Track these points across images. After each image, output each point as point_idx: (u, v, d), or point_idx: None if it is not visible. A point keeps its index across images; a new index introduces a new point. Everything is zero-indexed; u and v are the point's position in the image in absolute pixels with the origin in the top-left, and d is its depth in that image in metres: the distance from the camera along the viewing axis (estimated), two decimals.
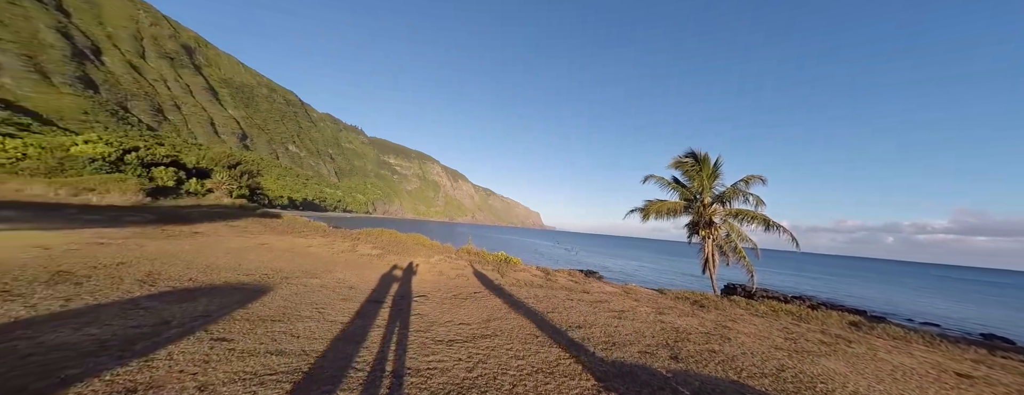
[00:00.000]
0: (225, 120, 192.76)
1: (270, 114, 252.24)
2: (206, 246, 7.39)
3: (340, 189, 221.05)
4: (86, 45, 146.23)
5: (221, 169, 25.95)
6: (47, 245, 5.30)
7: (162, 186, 18.91)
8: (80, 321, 2.74)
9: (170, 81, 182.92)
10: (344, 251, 9.37)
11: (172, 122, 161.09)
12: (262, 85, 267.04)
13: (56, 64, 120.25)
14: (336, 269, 6.67)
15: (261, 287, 4.58)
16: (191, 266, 5.30)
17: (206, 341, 2.68)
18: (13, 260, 4.22)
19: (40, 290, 3.31)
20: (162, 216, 12.06)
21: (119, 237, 7.00)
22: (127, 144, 21.63)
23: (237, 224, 12.67)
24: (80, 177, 15.65)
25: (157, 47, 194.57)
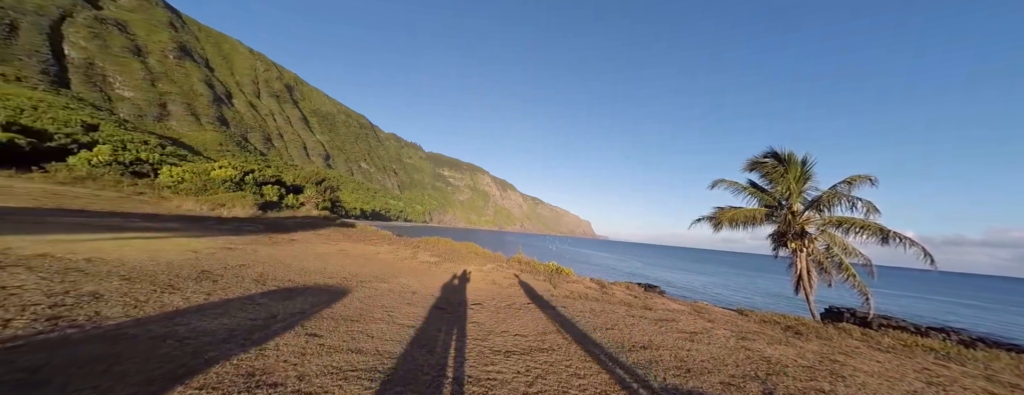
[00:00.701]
0: (314, 144, 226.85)
1: (347, 136, 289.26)
2: (300, 252, 8.63)
3: (402, 200, 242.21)
4: (222, 91, 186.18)
5: (310, 185, 30.39)
6: (196, 249, 6.70)
7: (269, 201, 22.76)
8: (216, 312, 3.38)
9: (276, 115, 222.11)
10: (406, 258, 10.10)
11: (276, 148, 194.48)
12: (341, 112, 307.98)
13: (203, 108, 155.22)
14: (400, 275, 7.21)
15: (342, 289, 5.16)
16: (290, 269, 6.22)
17: (302, 335, 3.08)
18: (174, 261, 5.43)
19: (191, 285, 4.18)
20: (269, 226, 14.46)
21: (241, 243, 8.56)
22: (246, 167, 26.68)
23: (322, 232, 14.58)
24: (216, 195, 19.67)
25: (268, 88, 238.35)
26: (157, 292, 3.71)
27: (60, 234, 6.25)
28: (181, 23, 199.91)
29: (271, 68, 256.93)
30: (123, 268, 4.48)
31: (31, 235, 5.80)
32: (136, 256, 5.31)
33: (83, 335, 2.49)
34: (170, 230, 9.22)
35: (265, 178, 25.95)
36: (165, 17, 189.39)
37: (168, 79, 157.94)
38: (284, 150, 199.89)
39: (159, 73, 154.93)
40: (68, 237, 6.04)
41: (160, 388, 1.93)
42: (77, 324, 2.66)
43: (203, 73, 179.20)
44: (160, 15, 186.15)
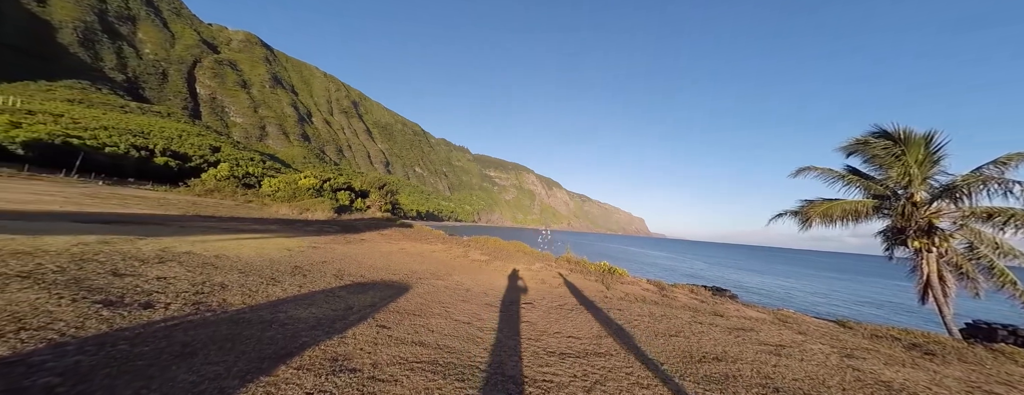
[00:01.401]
0: (376, 152, 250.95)
1: (403, 144, 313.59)
2: (368, 250, 9.59)
3: (452, 201, 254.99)
4: (305, 112, 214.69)
5: (374, 190, 33.62)
6: (290, 248, 7.86)
7: (343, 205, 25.73)
8: (306, 302, 3.92)
9: (345, 128, 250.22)
10: (458, 256, 10.56)
11: (346, 158, 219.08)
12: (397, 122, 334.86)
13: (291, 127, 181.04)
14: (454, 273, 7.57)
15: (404, 285, 5.59)
16: (361, 265, 6.95)
17: (374, 327, 3.40)
18: (275, 258, 6.43)
19: (288, 279, 4.91)
20: (343, 227, 16.35)
21: (322, 243, 9.83)
22: (324, 176, 30.57)
23: (385, 232, 16.00)
24: (302, 201, 22.87)
25: (338, 106, 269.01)
26: (264, 284, 4.43)
27: (198, 235, 7.85)
28: (273, 57, 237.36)
29: (341, 87, 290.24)
30: (240, 263, 5.45)
31: (180, 236, 7.38)
32: (248, 253, 6.43)
33: (216, 317, 3.08)
34: (271, 231, 10.96)
35: (339, 185, 29.43)
36: (262, 53, 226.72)
37: (265, 105, 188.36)
38: (352, 159, 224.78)
39: (259, 101, 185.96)
40: (203, 238, 7.56)
41: (269, 365, 2.30)
42: (211, 308, 3.30)
43: (290, 98, 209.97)
44: (259, 52, 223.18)
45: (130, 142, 44.86)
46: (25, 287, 3.06)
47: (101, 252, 4.80)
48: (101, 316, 2.71)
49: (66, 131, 37.91)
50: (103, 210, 10.67)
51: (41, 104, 60.35)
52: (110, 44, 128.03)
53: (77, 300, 2.94)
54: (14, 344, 2.11)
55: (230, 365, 2.23)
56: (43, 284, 3.20)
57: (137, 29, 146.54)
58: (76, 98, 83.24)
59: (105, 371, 1.97)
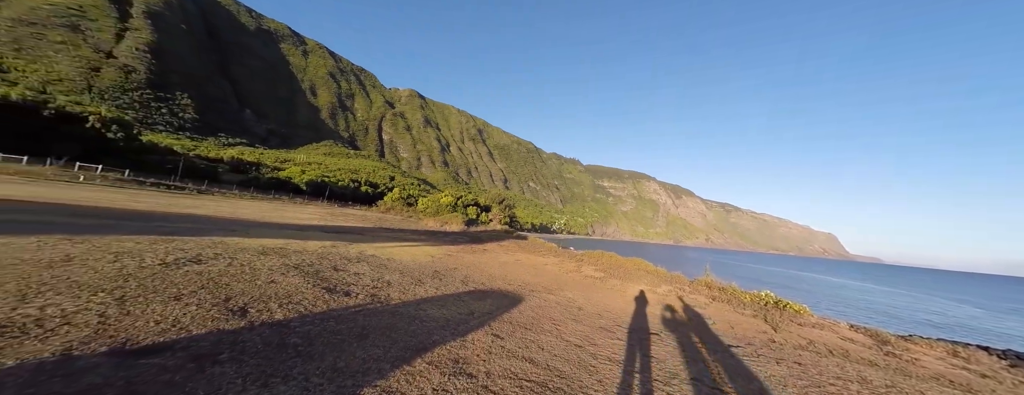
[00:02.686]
0: (496, 171, 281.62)
1: (518, 161, 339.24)
2: (489, 260, 10.58)
3: (564, 214, 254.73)
4: (445, 143, 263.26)
5: (495, 205, 37.43)
6: (432, 255, 9.58)
7: (471, 219, 29.77)
8: (440, 303, 4.59)
9: (472, 153, 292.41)
10: (571, 271, 10.25)
11: (474, 178, 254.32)
12: (513, 142, 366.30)
13: (436, 156, 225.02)
14: (566, 288, 7.35)
15: (517, 296, 5.81)
16: (483, 273, 7.70)
17: (489, 335, 3.62)
18: (422, 263, 7.93)
19: (429, 281, 5.93)
20: (471, 238, 18.80)
21: (455, 251, 11.54)
22: (457, 194, 36.38)
23: (504, 244, 17.36)
24: (443, 215, 27.79)
25: (467, 134, 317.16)
26: (413, 284, 5.48)
27: (379, 243, 10.61)
28: (425, 103, 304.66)
29: (469, 119, 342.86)
30: (400, 265, 6.98)
31: (369, 243, 10.15)
32: (405, 258, 8.20)
33: (382, 308, 3.99)
34: (421, 241, 13.70)
35: (468, 202, 34.35)
36: (419, 102, 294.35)
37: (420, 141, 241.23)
38: (478, 179, 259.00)
39: (417, 139, 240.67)
40: (382, 245, 10.15)
41: (410, 356, 2.75)
42: (380, 300, 4.30)
43: (435, 133, 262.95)
44: (416, 102, 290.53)
45: (350, 177, 66.66)
46: (294, 275, 4.81)
47: (330, 253, 7.12)
48: (324, 299, 3.94)
49: (322, 174, 59.75)
50: (334, 223, 15.98)
51: (311, 158, 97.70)
52: (342, 114, 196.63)
53: (315, 286, 4.40)
54: (284, 312, 3.31)
55: (386, 349, 2.80)
56: (303, 273, 4.96)
57: (354, 102, 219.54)
58: (328, 152, 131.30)
59: (321, 339, 2.81)
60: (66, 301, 2.77)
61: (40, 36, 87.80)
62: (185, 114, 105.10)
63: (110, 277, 3.51)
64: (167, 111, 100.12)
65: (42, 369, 1.85)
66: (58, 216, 7.24)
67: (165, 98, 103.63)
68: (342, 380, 2.20)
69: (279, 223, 12.87)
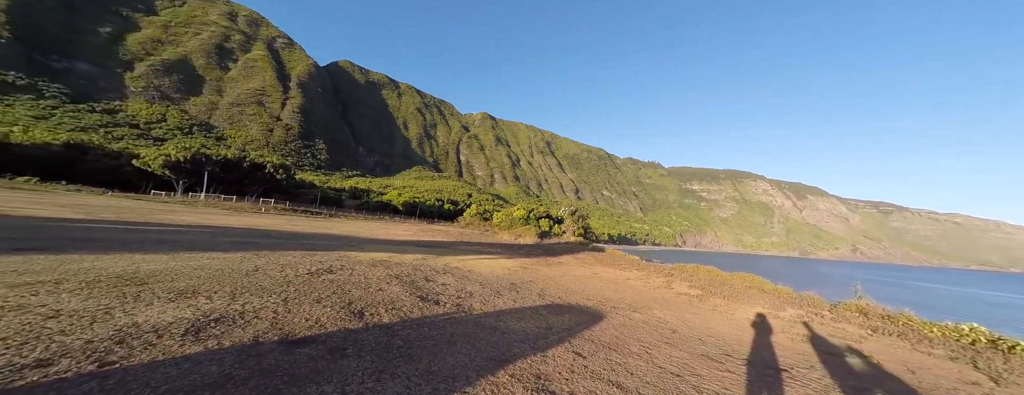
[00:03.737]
0: (567, 182, 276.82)
1: (589, 170, 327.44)
2: (565, 273, 10.30)
3: (646, 223, 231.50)
4: (514, 158, 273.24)
5: (568, 216, 36.59)
6: (508, 267, 9.86)
7: (544, 231, 29.73)
8: (518, 316, 4.65)
9: (542, 166, 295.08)
10: (659, 287, 9.17)
11: (544, 190, 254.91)
12: (583, 151, 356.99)
13: (507, 171, 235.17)
14: (654, 306, 6.58)
15: (598, 312, 5.46)
16: (559, 287, 7.53)
17: (570, 352, 3.48)
18: (500, 275, 8.23)
19: (507, 293, 6.10)
20: (545, 251, 18.70)
21: (530, 264, 11.64)
22: (529, 207, 36.96)
23: (579, 256, 16.71)
24: (516, 228, 28.51)
25: (536, 147, 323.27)
26: (492, 296, 5.72)
27: (461, 256, 11.48)
28: (495, 123, 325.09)
29: (537, 133, 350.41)
30: (480, 277, 7.39)
31: (452, 256, 11.08)
32: (484, 270, 8.65)
33: (466, 318, 4.27)
34: (497, 253, 14.28)
35: (540, 214, 34.50)
36: (490, 123, 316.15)
37: (493, 159, 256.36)
38: (549, 190, 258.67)
39: (489, 157, 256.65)
40: (463, 258, 10.96)
41: (494, 366, 2.85)
42: (464, 310, 4.61)
43: (506, 150, 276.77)
44: (488, 123, 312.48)
45: (435, 197, 74.99)
46: (396, 285, 5.57)
47: (422, 265, 8.02)
48: (419, 306, 4.44)
49: (413, 195, 68.75)
50: (424, 238, 18.01)
51: (405, 182, 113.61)
52: (427, 142, 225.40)
53: (411, 294, 5.00)
54: (390, 317, 3.85)
55: (472, 357, 2.96)
56: (402, 283, 5.71)
57: (437, 130, 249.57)
58: (417, 176, 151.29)
59: (418, 343, 3.15)
60: (255, 300, 3.80)
61: (241, 112, 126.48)
62: (321, 155, 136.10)
63: (279, 283, 4.68)
64: (309, 154, 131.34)
65: (242, 350, 2.56)
66: (250, 238, 10.07)
67: (309, 145, 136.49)
68: (436, 383, 2.41)
69: (383, 239, 15.20)
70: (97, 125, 78.33)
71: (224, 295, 3.81)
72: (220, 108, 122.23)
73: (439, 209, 67.10)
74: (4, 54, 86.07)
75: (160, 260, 5.22)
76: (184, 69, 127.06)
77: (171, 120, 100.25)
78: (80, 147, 38.24)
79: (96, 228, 8.39)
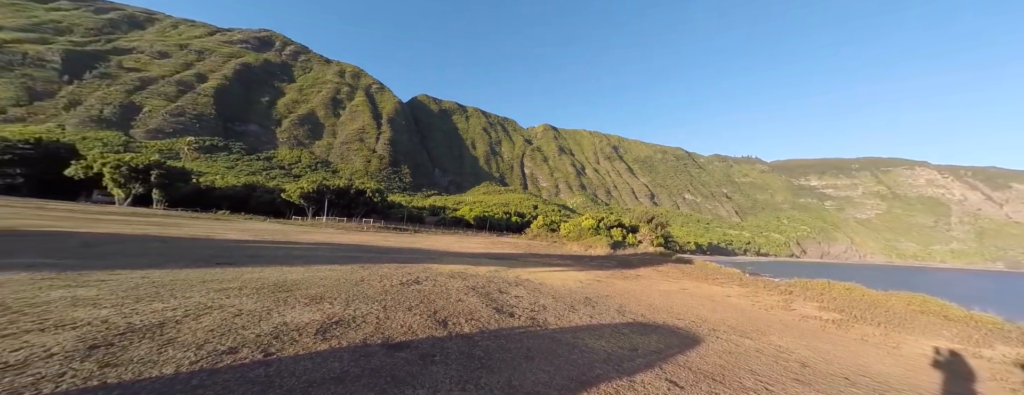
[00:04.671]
0: (639, 187, 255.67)
1: (666, 172, 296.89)
2: (646, 287, 9.33)
3: (745, 229, 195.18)
4: (579, 166, 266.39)
5: (643, 224, 33.49)
6: (580, 280, 9.44)
7: (617, 241, 27.75)
8: (596, 334, 4.35)
9: (610, 172, 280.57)
10: (774, 307, 7.53)
11: (614, 197, 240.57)
12: (657, 152, 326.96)
13: (573, 181, 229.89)
14: (770, 331, 5.39)
15: (693, 335, 4.73)
16: (640, 303, 6.83)
17: (663, 379, 3.07)
18: (572, 288, 7.92)
19: (582, 308, 5.80)
20: (619, 262, 17.37)
21: (604, 277, 10.92)
22: (598, 216, 35.15)
23: (661, 269, 14.99)
24: (586, 239, 27.32)
25: (602, 153, 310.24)
26: (566, 310, 5.51)
27: (531, 268, 11.50)
28: (557, 133, 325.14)
29: (602, 139, 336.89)
30: (552, 290, 7.24)
31: (523, 268, 11.16)
32: (554, 282, 8.44)
33: (542, 331, 4.19)
34: (567, 265, 13.85)
35: (611, 223, 32.45)
36: (552, 134, 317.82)
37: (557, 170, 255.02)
38: (619, 198, 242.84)
39: (553, 167, 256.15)
40: (533, 270, 10.95)
41: (576, 387, 2.69)
42: (539, 324, 4.54)
43: (570, 159, 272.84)
44: (550, 134, 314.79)
45: (503, 210, 77.84)
46: (472, 296, 5.85)
47: (494, 277, 8.29)
48: (495, 318, 4.56)
49: (483, 210, 72.67)
50: (494, 251, 18.68)
51: (475, 198, 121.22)
52: (493, 159, 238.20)
53: (487, 305, 5.18)
54: (470, 327, 4.03)
55: (551, 375, 2.86)
56: (478, 294, 5.98)
57: (501, 147, 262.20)
58: (486, 191, 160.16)
59: (497, 355, 3.21)
60: (363, 306, 4.45)
61: (348, 148, 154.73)
62: (406, 179, 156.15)
63: (379, 292, 5.40)
64: (397, 178, 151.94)
65: (356, 350, 2.99)
66: (356, 252, 11.97)
67: (396, 170, 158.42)
68: None
69: (459, 252, 16.31)
70: (260, 169, 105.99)
71: (341, 301, 4.57)
72: (334, 147, 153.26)
73: (507, 222, 69.18)
74: (212, 125, 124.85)
75: (298, 272, 6.60)
76: (311, 120, 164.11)
77: (304, 160, 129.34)
78: (251, 187, 52.22)
79: (260, 247, 11.14)
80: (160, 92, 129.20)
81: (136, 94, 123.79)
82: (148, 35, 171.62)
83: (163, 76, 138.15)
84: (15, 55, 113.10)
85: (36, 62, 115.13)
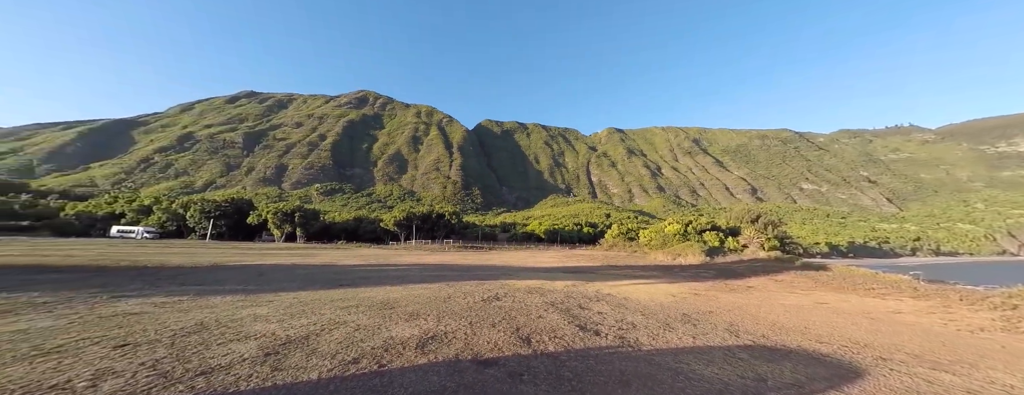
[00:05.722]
0: (734, 181, 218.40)
1: (768, 161, 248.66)
2: (763, 301, 7.64)
3: (908, 221, 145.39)
4: (654, 167, 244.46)
5: (746, 224, 28.12)
6: (673, 293, 8.32)
7: (713, 247, 23.85)
8: (704, 358, 3.69)
9: (693, 169, 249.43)
10: (986, 328, 5.31)
11: (701, 196, 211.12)
12: (752, 138, 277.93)
13: (647, 183, 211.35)
14: (985, 364, 3.76)
15: (849, 366, 3.61)
16: (759, 321, 5.60)
17: None
18: (663, 303, 7.03)
19: (680, 327, 5.06)
20: (720, 272, 14.78)
21: (702, 289, 9.40)
22: (684, 220, 31.02)
23: (781, 278, 12.18)
24: (672, 247, 24.25)
25: (680, 149, 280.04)
26: (661, 328, 4.88)
27: (611, 281, 10.69)
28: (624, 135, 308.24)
29: (677, 133, 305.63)
30: (639, 305, 6.54)
31: (602, 281, 10.46)
32: (642, 297, 7.62)
33: (634, 353, 3.77)
34: (653, 277, 12.42)
35: (702, 226, 28.21)
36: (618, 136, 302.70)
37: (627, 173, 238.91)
38: (708, 196, 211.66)
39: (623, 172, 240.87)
40: (614, 283, 10.15)
41: None
42: (630, 344, 4.11)
43: (641, 160, 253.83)
44: (616, 137, 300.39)
45: (573, 222, 75.64)
46: (553, 312, 5.70)
47: (573, 292, 7.96)
48: (580, 336, 4.32)
49: (552, 223, 71.90)
50: (569, 264, 18.07)
51: (543, 211, 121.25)
52: (557, 170, 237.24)
53: (570, 323, 4.96)
54: (554, 345, 3.90)
55: None
56: (558, 310, 5.80)
57: (565, 158, 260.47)
58: (553, 204, 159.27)
59: (588, 378, 3.00)
60: (452, 323, 4.76)
61: (427, 178, 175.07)
62: (477, 200, 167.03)
63: (465, 308, 5.73)
64: (470, 200, 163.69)
65: (450, 365, 3.18)
66: (441, 271, 13.07)
67: (468, 193, 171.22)
68: None
69: (533, 267, 16.29)
70: (364, 204, 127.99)
71: (433, 318, 4.99)
72: (416, 178, 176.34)
73: (578, 233, 66.68)
74: (330, 172, 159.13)
75: (397, 291, 7.52)
76: (398, 158, 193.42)
77: (394, 193, 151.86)
78: (359, 219, 63.08)
79: (368, 270, 13.15)
80: (298, 153, 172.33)
81: (284, 156, 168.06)
82: (289, 112, 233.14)
83: (299, 140, 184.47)
84: (218, 142, 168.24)
85: (229, 145, 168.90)
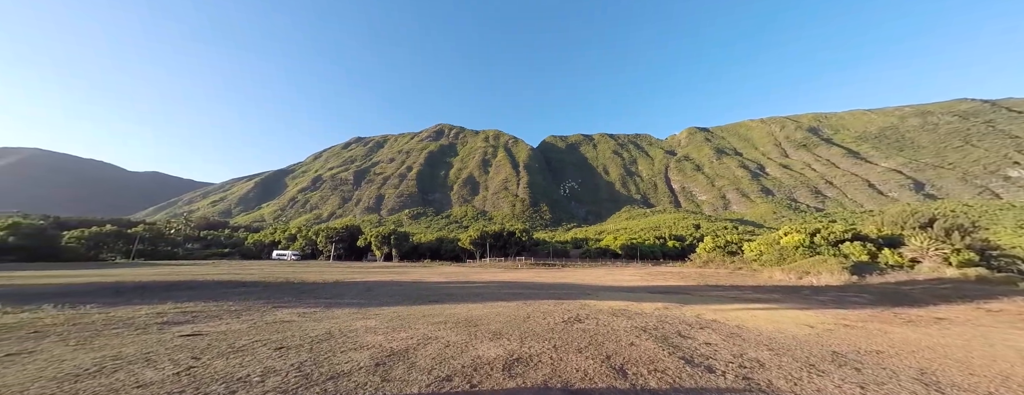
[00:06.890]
0: (882, 175, 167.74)
1: (932, 145, 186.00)
2: (969, 341, 5.32)
3: None
4: (755, 167, 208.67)
5: (913, 231, 20.82)
6: (810, 324, 6.50)
7: (860, 262, 18.27)
8: None
9: (812, 164, 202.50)
10: None
11: (830, 197, 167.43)
12: (905, 117, 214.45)
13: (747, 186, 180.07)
14: None
15: None
16: (973, 371, 3.88)
17: None
18: (797, 335, 5.52)
19: (833, 371, 3.85)
20: (881, 296, 11.05)
21: (856, 320, 7.10)
22: (809, 228, 24.72)
23: (991, 307, 8.45)
24: (795, 262, 19.44)
25: (791, 143, 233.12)
26: (807, 371, 3.78)
27: (714, 304, 9.02)
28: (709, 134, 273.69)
29: (785, 124, 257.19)
30: (763, 338, 5.27)
31: (701, 304, 8.91)
32: (764, 326, 6.14)
33: None
34: (774, 300, 10.00)
35: (838, 235, 22.05)
36: (702, 137, 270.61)
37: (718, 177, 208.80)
38: (838, 197, 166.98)
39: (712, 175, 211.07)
40: (718, 307, 8.53)
41: None
42: (762, 388, 3.27)
43: (736, 160, 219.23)
44: (699, 137, 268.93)
45: (654, 235, 68.15)
46: (646, 338, 5.04)
47: (666, 316, 6.96)
48: (687, 372, 3.66)
49: (629, 237, 66.10)
50: (655, 283, 16.05)
51: (617, 224, 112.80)
52: (630, 180, 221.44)
53: (671, 354, 4.28)
54: (656, 381, 3.38)
55: None
56: (653, 337, 5.10)
57: (637, 166, 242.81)
58: (628, 216, 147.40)
59: None
60: (536, 345, 4.62)
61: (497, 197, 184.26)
62: (546, 216, 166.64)
63: (545, 329, 5.53)
64: (538, 217, 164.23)
65: (539, 393, 3.03)
66: (517, 289, 13.11)
67: (536, 209, 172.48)
68: None
69: (612, 286, 15.01)
70: (444, 225, 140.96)
71: (516, 338, 4.94)
72: (487, 198, 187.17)
73: (661, 248, 59.45)
74: (416, 199, 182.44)
75: (479, 308, 7.78)
76: (471, 181, 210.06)
77: (469, 214, 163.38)
78: (440, 239, 69.50)
79: (451, 286, 14.10)
80: (391, 184, 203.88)
81: (382, 188, 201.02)
82: (384, 150, 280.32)
83: (392, 173, 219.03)
84: (337, 181, 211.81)
85: (344, 182, 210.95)
